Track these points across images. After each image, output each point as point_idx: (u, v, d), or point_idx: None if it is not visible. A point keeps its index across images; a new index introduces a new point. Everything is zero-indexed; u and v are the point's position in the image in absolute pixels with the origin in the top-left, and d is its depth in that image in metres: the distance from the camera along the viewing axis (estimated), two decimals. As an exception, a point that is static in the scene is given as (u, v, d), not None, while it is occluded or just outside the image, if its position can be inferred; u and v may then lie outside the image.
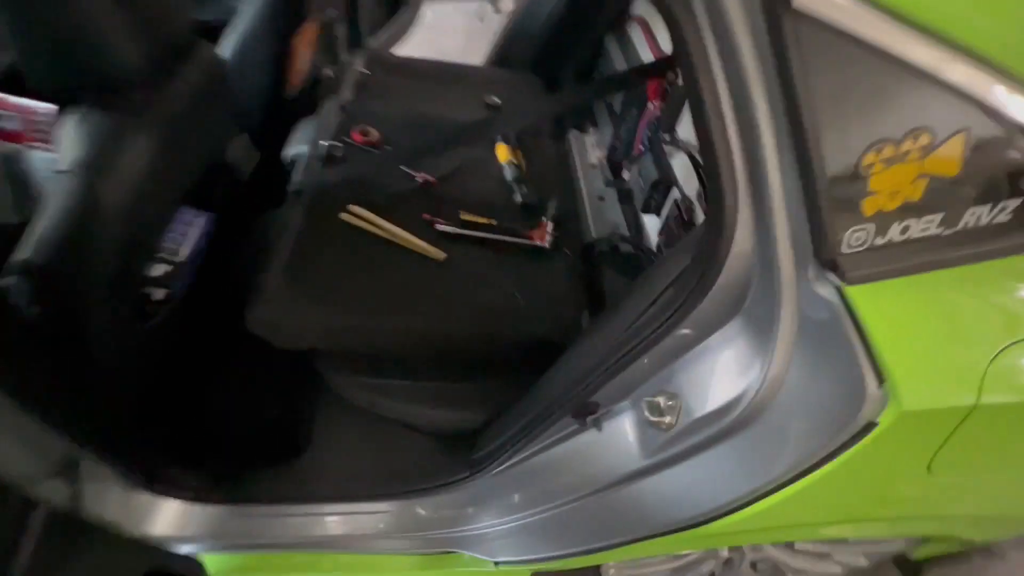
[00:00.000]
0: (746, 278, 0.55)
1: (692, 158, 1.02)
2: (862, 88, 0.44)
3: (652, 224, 1.18)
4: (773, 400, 0.55)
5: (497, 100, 1.42)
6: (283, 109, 1.20)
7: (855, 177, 0.47)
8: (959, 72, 0.44)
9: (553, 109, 1.09)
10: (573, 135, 1.49)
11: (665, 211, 1.11)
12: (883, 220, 0.48)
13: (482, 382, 0.96)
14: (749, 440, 0.58)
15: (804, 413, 0.54)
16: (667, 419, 0.64)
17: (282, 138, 1.17)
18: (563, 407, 0.74)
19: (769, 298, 0.53)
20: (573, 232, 1.14)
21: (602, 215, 1.28)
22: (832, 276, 0.49)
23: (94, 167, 0.65)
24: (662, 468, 0.66)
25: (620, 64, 1.35)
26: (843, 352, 0.49)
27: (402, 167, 1.13)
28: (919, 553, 1.03)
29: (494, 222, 1.09)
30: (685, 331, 0.60)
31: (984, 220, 0.50)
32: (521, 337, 0.93)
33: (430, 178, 1.14)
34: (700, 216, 1.00)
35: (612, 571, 1.00)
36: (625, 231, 1.22)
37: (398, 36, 2.28)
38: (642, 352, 0.63)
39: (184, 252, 0.87)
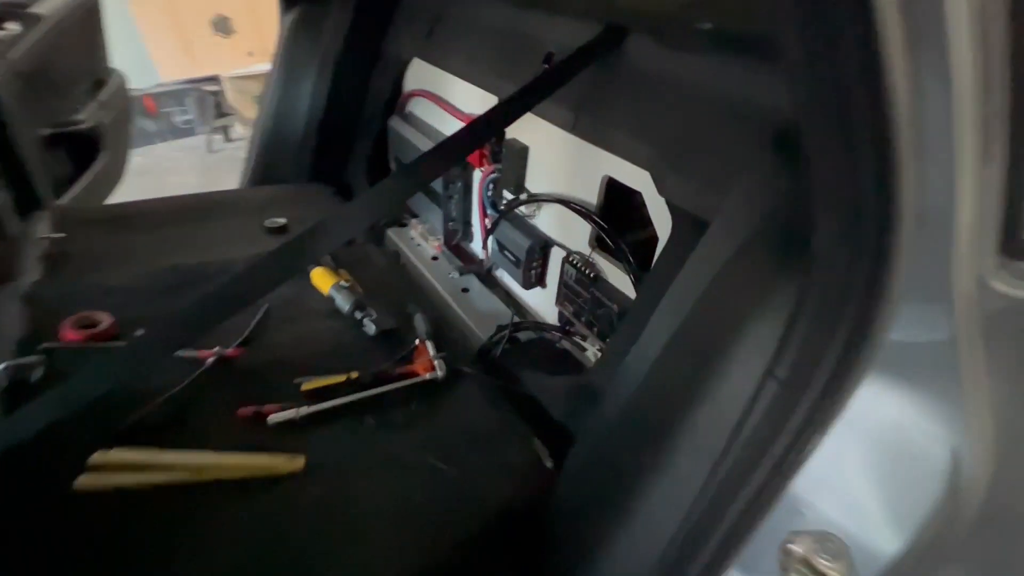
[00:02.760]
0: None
1: (567, 204, 0.83)
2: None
3: (541, 296, 0.95)
4: (998, 481, 0.34)
5: (282, 220, 1.07)
6: None
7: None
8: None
9: (371, 215, 0.71)
10: (393, 232, 1.22)
11: (554, 276, 0.90)
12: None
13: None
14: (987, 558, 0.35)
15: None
16: (833, 580, 0.37)
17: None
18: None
19: (929, 325, 0.33)
20: (458, 344, 0.85)
21: (477, 309, 1.01)
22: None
23: None
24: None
25: (418, 142, 1.13)
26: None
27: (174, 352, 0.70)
28: None
29: (354, 374, 0.73)
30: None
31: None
32: (476, 528, 0.57)
33: (227, 351, 0.73)
34: (604, 267, 0.81)
35: None
36: (513, 316, 0.97)
37: (100, 190, 1.72)
38: (759, 489, 0.37)
39: None
